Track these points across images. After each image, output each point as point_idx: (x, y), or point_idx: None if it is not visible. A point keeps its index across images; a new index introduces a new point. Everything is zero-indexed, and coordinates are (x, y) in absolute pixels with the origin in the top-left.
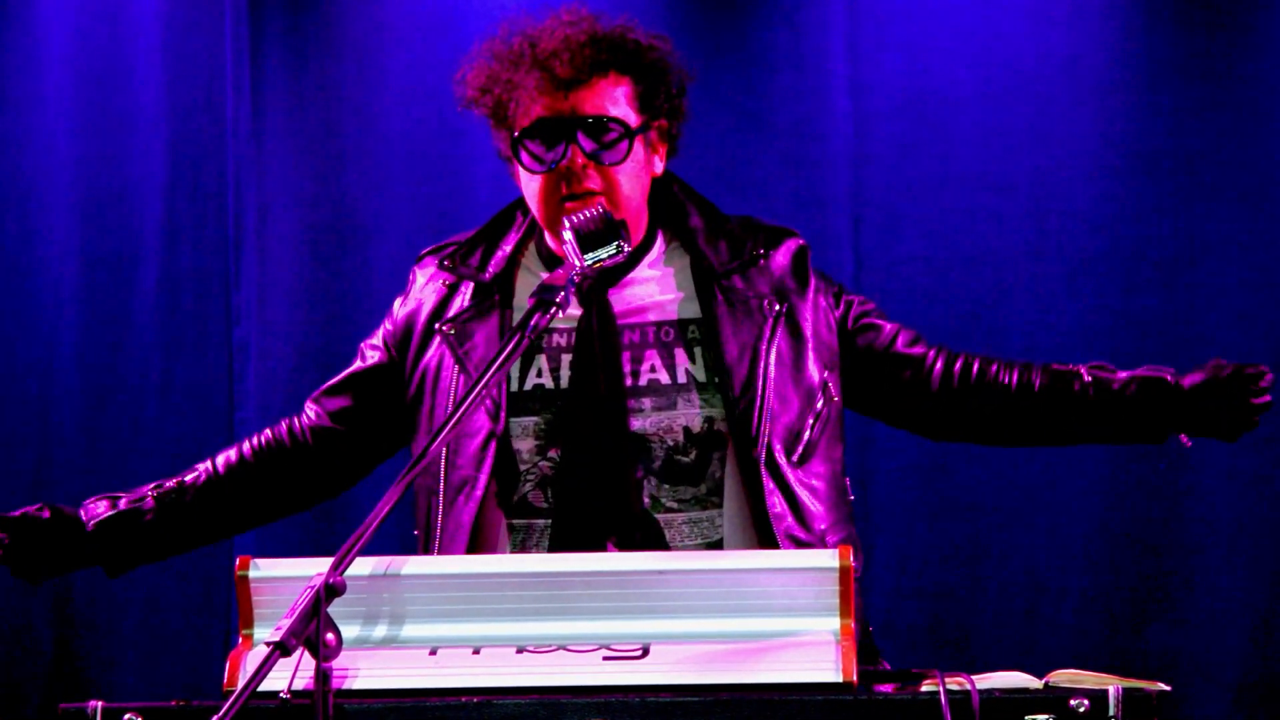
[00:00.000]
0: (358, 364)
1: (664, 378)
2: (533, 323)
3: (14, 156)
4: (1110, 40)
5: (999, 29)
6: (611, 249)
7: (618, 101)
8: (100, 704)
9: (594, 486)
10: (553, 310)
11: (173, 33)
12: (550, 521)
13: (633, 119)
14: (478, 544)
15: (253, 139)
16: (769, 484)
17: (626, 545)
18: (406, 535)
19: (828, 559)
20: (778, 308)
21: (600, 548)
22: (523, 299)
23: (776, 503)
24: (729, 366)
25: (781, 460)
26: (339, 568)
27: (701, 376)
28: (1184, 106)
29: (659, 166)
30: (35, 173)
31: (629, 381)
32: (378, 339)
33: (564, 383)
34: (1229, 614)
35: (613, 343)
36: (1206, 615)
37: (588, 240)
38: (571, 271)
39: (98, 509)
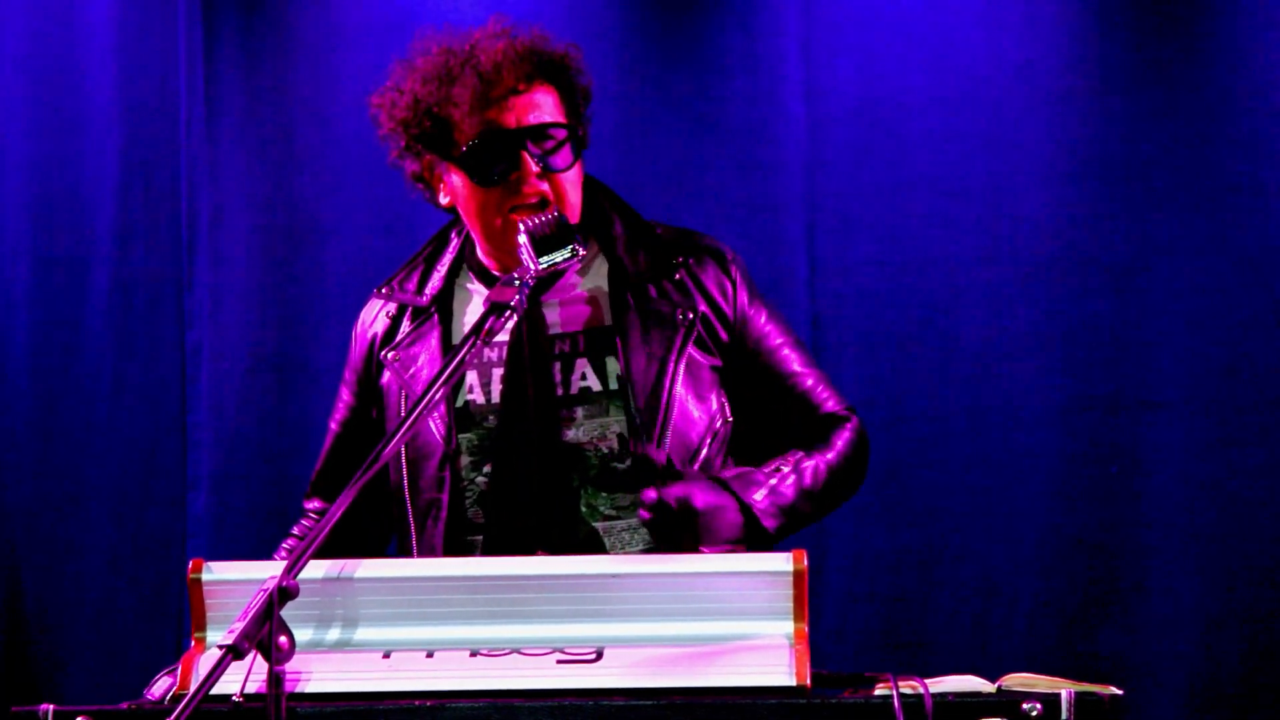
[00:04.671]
0: (332, 427)
1: (595, 385)
2: (486, 326)
3: None
4: (1063, 46)
5: (952, 35)
6: (566, 252)
7: (551, 110)
8: (52, 707)
9: (528, 500)
10: (507, 314)
11: (126, 34)
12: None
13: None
14: None
15: (206, 141)
16: None
17: (561, 554)
18: None
19: (781, 563)
20: (690, 316)
21: None
22: (460, 317)
23: None
24: (635, 377)
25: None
26: (292, 571)
27: (616, 385)
28: (1137, 112)
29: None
30: None
31: (560, 391)
32: (345, 392)
33: (495, 398)
34: (1181, 618)
35: (543, 353)
36: (1159, 619)
37: (543, 244)
38: (525, 275)
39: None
